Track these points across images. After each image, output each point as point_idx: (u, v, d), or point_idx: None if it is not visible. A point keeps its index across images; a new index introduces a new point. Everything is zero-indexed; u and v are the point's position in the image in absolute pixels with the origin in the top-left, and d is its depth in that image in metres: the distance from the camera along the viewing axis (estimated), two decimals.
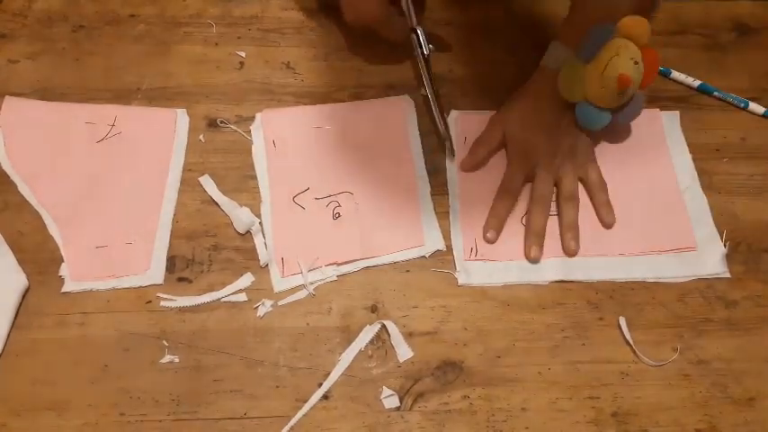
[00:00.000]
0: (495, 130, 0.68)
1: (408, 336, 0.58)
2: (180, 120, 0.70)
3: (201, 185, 0.66)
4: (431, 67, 0.68)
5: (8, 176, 0.65)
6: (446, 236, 0.64)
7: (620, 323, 0.59)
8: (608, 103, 0.63)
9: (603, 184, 0.65)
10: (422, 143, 0.69)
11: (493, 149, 0.68)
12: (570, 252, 0.62)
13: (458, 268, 0.62)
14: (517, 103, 0.68)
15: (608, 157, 0.68)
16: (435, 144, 0.70)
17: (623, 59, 0.60)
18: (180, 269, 0.61)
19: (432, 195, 0.66)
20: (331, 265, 0.61)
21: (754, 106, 0.73)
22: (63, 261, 0.61)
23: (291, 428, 0.54)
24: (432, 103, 0.68)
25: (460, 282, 0.61)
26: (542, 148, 0.65)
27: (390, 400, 0.55)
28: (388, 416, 0.54)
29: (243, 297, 0.60)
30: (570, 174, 0.65)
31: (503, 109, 0.69)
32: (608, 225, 0.64)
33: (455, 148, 0.69)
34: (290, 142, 0.68)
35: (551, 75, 0.65)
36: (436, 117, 0.68)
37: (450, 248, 0.63)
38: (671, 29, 0.80)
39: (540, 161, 0.65)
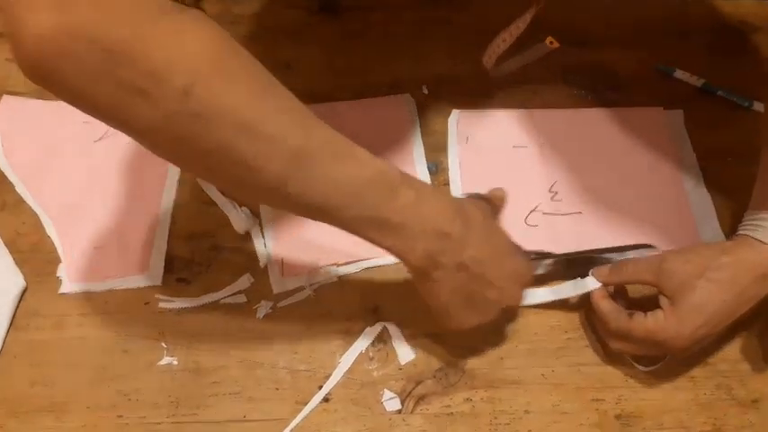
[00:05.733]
0: (644, 275, 0.55)
1: (410, 337, 0.58)
2: None
3: (200, 185, 0.65)
4: None
5: (5, 176, 0.65)
6: None
7: None
8: None
9: None
10: (423, 142, 0.69)
11: (630, 282, 0.57)
12: None
13: None
14: (709, 282, 0.51)
15: (611, 157, 0.68)
16: (436, 143, 0.69)
17: None
18: (179, 270, 0.61)
19: None
20: (331, 265, 0.61)
21: (757, 105, 0.73)
22: (61, 262, 0.60)
23: (291, 431, 0.53)
24: None
25: None
26: (698, 344, 0.53)
27: (392, 403, 0.54)
28: (389, 419, 0.54)
29: (242, 298, 0.59)
30: None
31: (678, 259, 0.53)
32: None
33: (456, 147, 0.68)
34: None
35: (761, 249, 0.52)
36: None
37: None
38: (675, 28, 0.80)
39: (672, 348, 0.53)
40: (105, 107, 0.38)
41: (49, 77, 0.37)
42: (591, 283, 0.56)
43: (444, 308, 0.51)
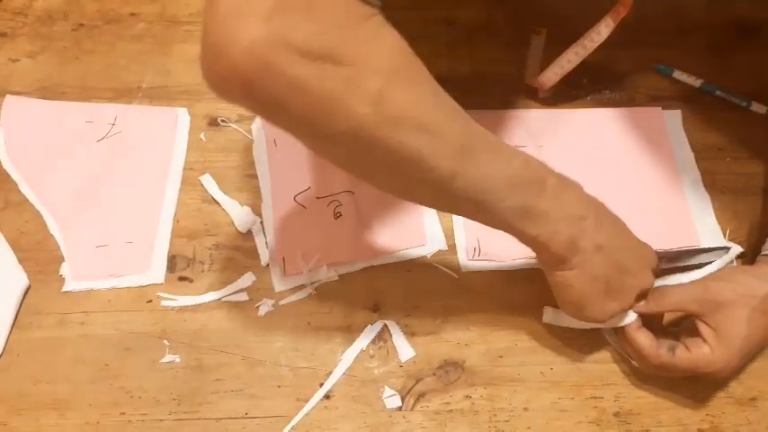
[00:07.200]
0: (688, 306, 0.54)
1: (410, 335, 0.58)
2: (181, 118, 0.69)
3: (202, 184, 0.66)
4: None
5: (9, 175, 0.65)
6: (448, 235, 0.63)
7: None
8: None
9: None
10: None
11: (670, 311, 0.56)
12: None
13: (461, 268, 0.61)
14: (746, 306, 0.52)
15: (610, 156, 0.68)
16: None
17: None
18: (181, 268, 0.61)
19: None
20: (332, 264, 0.61)
21: (756, 106, 0.73)
22: (64, 260, 0.61)
23: (293, 428, 0.54)
24: None
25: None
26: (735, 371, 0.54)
27: (392, 400, 0.55)
28: (389, 416, 0.54)
29: (244, 296, 0.60)
30: None
31: (716, 288, 0.53)
32: None
33: None
34: (291, 141, 0.67)
35: None
36: None
37: (452, 248, 0.63)
38: (673, 28, 0.80)
39: (718, 377, 0.54)
40: (302, 116, 0.38)
41: (252, 90, 0.37)
42: (628, 317, 0.54)
43: (584, 297, 0.51)
